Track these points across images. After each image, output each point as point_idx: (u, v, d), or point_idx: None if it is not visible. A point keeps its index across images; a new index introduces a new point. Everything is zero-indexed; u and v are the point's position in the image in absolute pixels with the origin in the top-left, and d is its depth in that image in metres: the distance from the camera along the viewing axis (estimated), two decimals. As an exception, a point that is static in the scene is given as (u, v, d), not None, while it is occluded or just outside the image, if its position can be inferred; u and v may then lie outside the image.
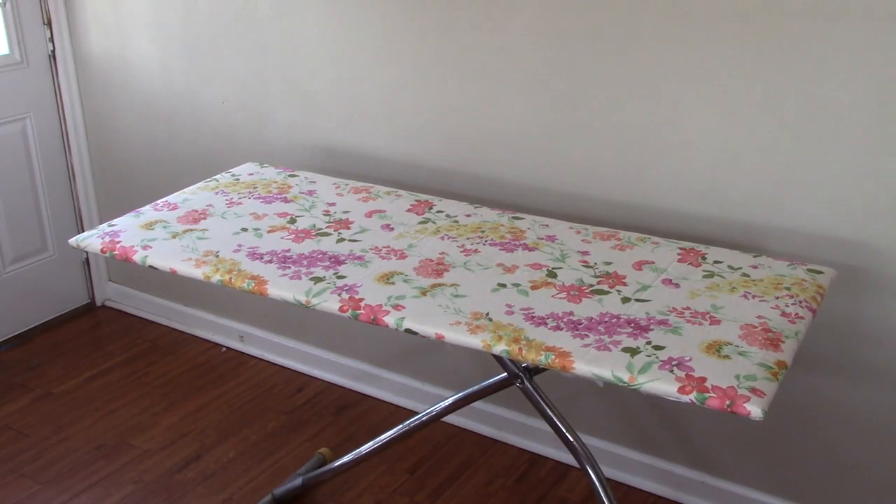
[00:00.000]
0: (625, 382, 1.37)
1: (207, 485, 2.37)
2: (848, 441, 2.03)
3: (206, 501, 2.30)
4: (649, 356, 1.41)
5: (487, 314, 1.55)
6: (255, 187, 2.18)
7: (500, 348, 1.47)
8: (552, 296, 1.62)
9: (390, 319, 1.56)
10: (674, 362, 1.39)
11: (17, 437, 2.57)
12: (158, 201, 2.10)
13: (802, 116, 1.85)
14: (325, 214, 2.01)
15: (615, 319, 1.54)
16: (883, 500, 2.03)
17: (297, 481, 2.28)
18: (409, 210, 2.03)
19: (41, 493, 2.34)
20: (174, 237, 1.89)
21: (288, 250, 1.82)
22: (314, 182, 2.22)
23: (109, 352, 3.03)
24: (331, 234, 1.90)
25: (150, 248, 1.84)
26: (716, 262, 1.76)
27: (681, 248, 1.82)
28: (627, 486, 2.34)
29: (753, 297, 1.61)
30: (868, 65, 1.75)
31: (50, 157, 3.08)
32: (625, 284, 1.67)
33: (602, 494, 1.79)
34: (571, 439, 1.82)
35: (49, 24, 2.96)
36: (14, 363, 2.96)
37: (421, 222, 1.96)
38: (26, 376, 2.88)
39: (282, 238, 1.88)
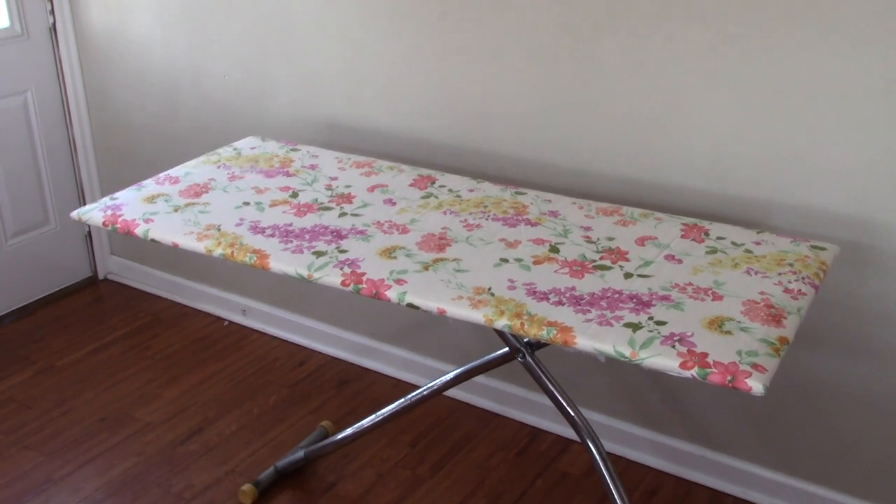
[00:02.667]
0: (626, 358, 1.38)
1: (210, 457, 2.38)
2: (848, 417, 2.04)
3: (208, 473, 2.32)
4: (651, 331, 1.41)
5: (489, 289, 1.55)
6: (256, 161, 2.17)
7: (501, 323, 1.47)
8: (554, 271, 1.62)
9: (392, 294, 1.56)
10: (675, 338, 1.39)
11: (20, 409, 2.58)
12: (160, 175, 2.09)
13: (806, 92, 1.83)
14: (327, 189, 2.01)
15: (617, 295, 1.54)
16: (882, 477, 2.04)
17: (300, 454, 2.29)
18: (411, 185, 2.02)
19: (45, 464, 2.35)
20: (176, 211, 1.89)
21: (290, 224, 1.82)
22: (316, 156, 2.21)
23: (112, 325, 3.03)
24: (333, 209, 1.90)
25: (152, 221, 1.84)
26: (719, 238, 1.75)
27: (684, 224, 1.81)
28: (628, 461, 2.35)
29: (756, 273, 1.61)
30: (873, 40, 1.73)
31: (51, 130, 3.07)
32: (627, 260, 1.66)
33: (602, 468, 1.80)
34: (572, 413, 1.83)
35: (49, -5, 2.95)
36: (17, 336, 2.97)
37: (423, 197, 1.96)
38: (29, 349, 2.89)
39: (284, 212, 1.88)
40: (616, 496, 1.79)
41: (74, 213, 1.94)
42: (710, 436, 2.24)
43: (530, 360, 1.85)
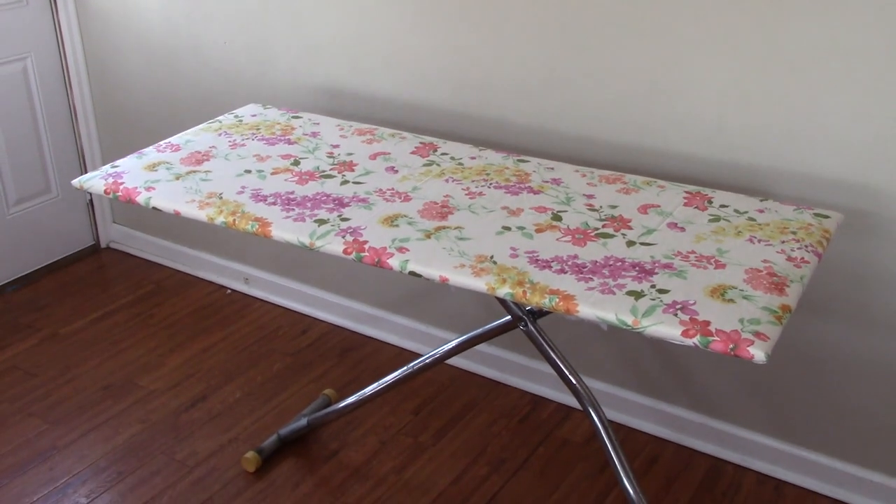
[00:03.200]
0: (629, 326, 1.37)
1: (214, 424, 2.39)
2: (850, 385, 2.04)
3: (212, 441, 2.33)
4: (653, 300, 1.41)
5: (492, 257, 1.55)
6: (258, 129, 2.16)
7: (504, 291, 1.47)
8: (557, 239, 1.62)
9: (394, 262, 1.56)
10: (678, 306, 1.39)
11: (25, 377, 2.59)
12: (161, 142, 2.08)
13: (811, 58, 1.82)
14: (328, 156, 2.00)
15: (620, 263, 1.53)
16: (881, 445, 2.04)
17: (303, 422, 2.30)
18: (413, 152, 2.01)
19: (49, 431, 2.37)
20: (177, 179, 1.88)
21: (292, 192, 1.81)
22: (318, 124, 2.20)
23: (115, 293, 3.04)
24: (335, 177, 1.89)
25: (154, 189, 1.84)
26: (722, 205, 1.75)
27: (687, 192, 1.80)
28: (629, 428, 2.36)
29: (759, 241, 1.61)
30: (878, 4, 1.71)
31: (51, 97, 3.06)
32: (630, 228, 1.66)
33: (604, 436, 1.81)
34: (574, 382, 1.83)
35: (48, -39, 2.92)
36: (21, 304, 2.98)
37: (425, 165, 1.95)
38: (33, 317, 2.90)
39: (285, 180, 1.87)
40: (617, 463, 1.80)
41: (76, 181, 1.93)
42: (710, 404, 2.25)
43: (532, 328, 1.85)
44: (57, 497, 2.15)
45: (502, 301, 1.79)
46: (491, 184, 1.85)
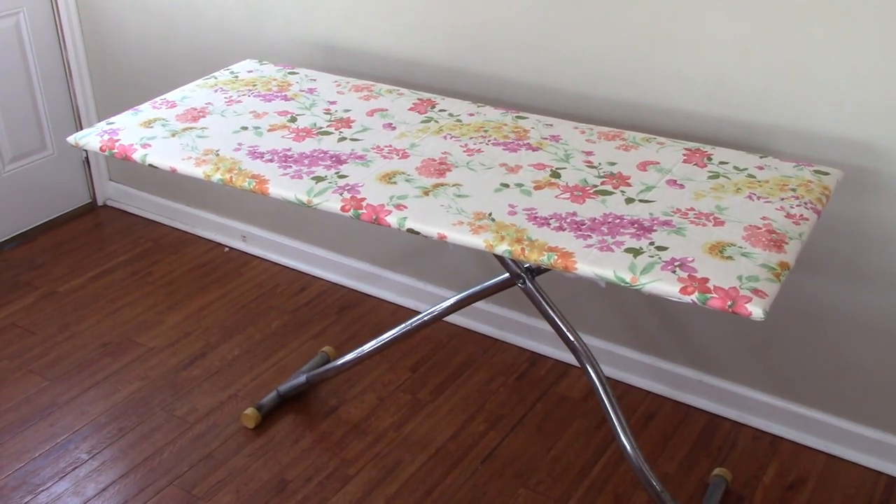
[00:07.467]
0: (627, 283, 1.38)
1: (213, 381, 2.41)
2: (846, 342, 2.05)
3: (212, 397, 2.35)
4: (652, 257, 1.41)
5: (490, 214, 1.55)
6: (254, 85, 2.14)
7: (502, 248, 1.47)
8: (555, 196, 1.61)
9: (392, 219, 1.55)
10: (676, 263, 1.39)
11: (23, 335, 2.60)
12: (157, 99, 2.06)
13: (813, 13, 1.79)
14: (325, 113, 1.98)
15: (618, 220, 1.53)
16: (876, 400, 2.06)
17: (302, 379, 2.31)
18: (411, 109, 2.00)
19: (50, 388, 2.38)
20: (173, 135, 1.86)
21: (289, 149, 1.80)
22: (314, 80, 2.18)
23: (112, 251, 3.04)
24: (332, 133, 1.87)
25: (150, 146, 1.82)
26: (721, 162, 1.74)
27: (686, 149, 1.79)
28: (626, 385, 2.37)
29: (758, 198, 1.60)
30: (886, -42, 1.69)
31: (45, 53, 3.02)
32: (629, 185, 1.65)
33: (601, 392, 1.82)
34: (572, 339, 1.84)
35: (38, -87, 2.87)
36: (18, 262, 2.97)
37: (423, 121, 1.93)
38: (30, 275, 2.90)
39: (282, 137, 1.86)
40: (614, 419, 1.81)
41: (71, 138, 1.91)
42: (708, 360, 2.26)
43: (530, 285, 1.85)
44: (58, 453, 2.17)
45: (500, 258, 1.79)
46: (489, 140, 1.84)
